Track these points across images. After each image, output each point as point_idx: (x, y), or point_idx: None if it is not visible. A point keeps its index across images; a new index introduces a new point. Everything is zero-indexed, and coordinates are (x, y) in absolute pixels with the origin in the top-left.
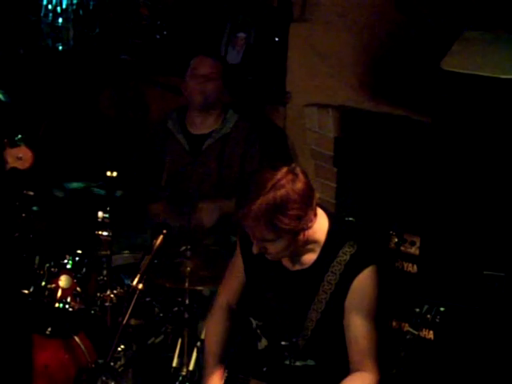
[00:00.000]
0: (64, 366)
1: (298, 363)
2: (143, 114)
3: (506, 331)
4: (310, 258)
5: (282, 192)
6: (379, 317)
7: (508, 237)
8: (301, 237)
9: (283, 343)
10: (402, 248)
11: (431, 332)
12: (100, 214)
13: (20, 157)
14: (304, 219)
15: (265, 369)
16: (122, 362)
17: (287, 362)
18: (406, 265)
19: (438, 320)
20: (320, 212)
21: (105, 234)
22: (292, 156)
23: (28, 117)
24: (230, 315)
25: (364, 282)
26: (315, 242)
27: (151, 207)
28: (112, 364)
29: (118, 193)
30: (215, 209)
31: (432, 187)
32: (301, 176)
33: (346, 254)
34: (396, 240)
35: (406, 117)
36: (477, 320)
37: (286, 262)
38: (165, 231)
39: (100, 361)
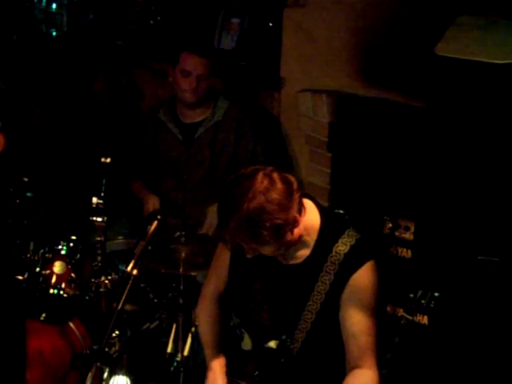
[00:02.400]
0: (58, 352)
1: (290, 365)
2: (137, 100)
3: (499, 316)
4: (303, 253)
5: (255, 205)
6: (377, 311)
7: (502, 222)
8: (289, 237)
9: (273, 344)
10: (397, 233)
11: (425, 317)
12: (94, 199)
13: None
14: (285, 225)
15: (256, 373)
16: (117, 347)
17: (279, 364)
18: (400, 250)
19: (432, 305)
20: (310, 205)
21: (99, 219)
22: (286, 142)
23: (21, 103)
24: (219, 304)
25: (361, 279)
26: (307, 236)
27: (148, 208)
28: (107, 350)
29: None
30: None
31: (426, 172)
32: (277, 182)
33: (339, 252)
34: (390, 225)
35: (401, 102)
36: (471, 305)
37: (278, 256)
38: (159, 217)
39: (95, 347)
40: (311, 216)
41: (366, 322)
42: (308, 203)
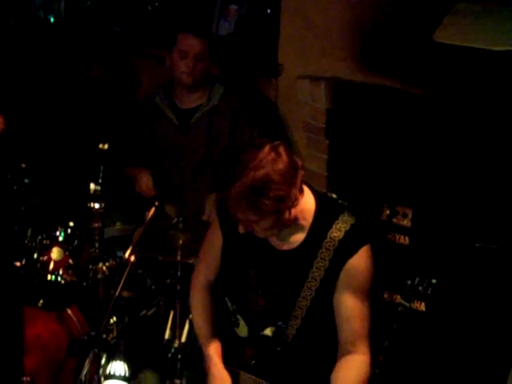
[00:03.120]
0: (56, 338)
1: (286, 353)
2: (134, 86)
3: (497, 303)
4: (298, 237)
5: (262, 173)
6: (371, 296)
7: (500, 209)
8: (286, 215)
9: (269, 331)
10: (394, 220)
11: (423, 304)
12: (92, 186)
13: None
14: (287, 199)
15: (253, 361)
16: (114, 334)
17: (275, 352)
18: (397, 237)
19: (429, 292)
20: (306, 189)
21: (97, 206)
22: (283, 128)
23: (19, 89)
24: (211, 291)
25: (356, 265)
26: (303, 220)
27: (140, 185)
28: (104, 336)
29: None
30: None
31: (424, 159)
32: (283, 155)
33: (334, 238)
34: (388, 212)
35: (399, 89)
36: (469, 292)
37: (272, 241)
38: (157, 203)
39: (92, 333)
40: (307, 200)
41: (360, 306)
42: (304, 187)
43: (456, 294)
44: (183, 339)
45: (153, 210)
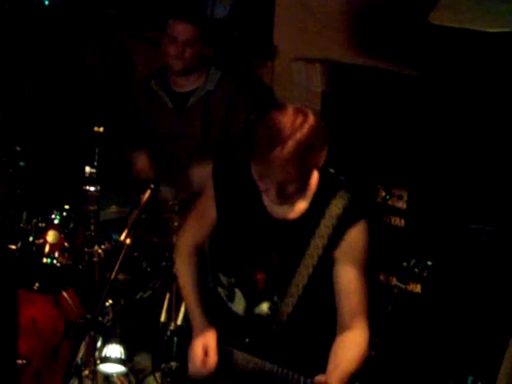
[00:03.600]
0: (52, 321)
1: (281, 331)
2: (129, 69)
3: (492, 284)
4: (300, 207)
5: (305, 129)
6: (369, 272)
7: (495, 191)
8: (313, 177)
9: (265, 307)
10: (390, 202)
11: (418, 286)
12: (87, 169)
13: None
14: (321, 156)
15: (247, 340)
16: (110, 316)
17: (270, 330)
18: (393, 219)
19: (425, 274)
20: None
21: (92, 189)
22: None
23: (14, 72)
24: (197, 256)
25: (356, 235)
26: (309, 189)
27: (136, 164)
28: (100, 319)
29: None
30: (204, 172)
31: (419, 141)
32: (309, 113)
33: (337, 206)
34: (383, 194)
35: (394, 71)
36: (464, 274)
37: (272, 210)
38: (152, 186)
39: (88, 316)
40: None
41: (359, 281)
42: None
43: (451, 275)
44: (179, 321)
45: (148, 192)
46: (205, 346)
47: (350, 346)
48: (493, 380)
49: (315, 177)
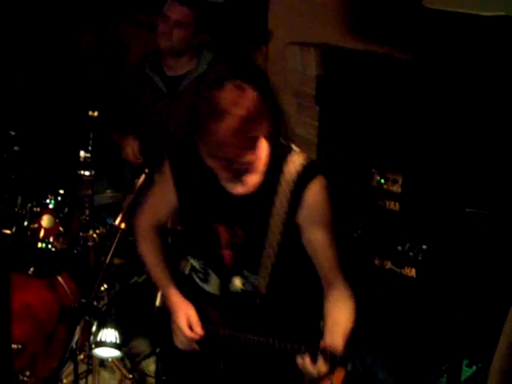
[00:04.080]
0: (47, 306)
1: (264, 304)
2: (122, 53)
3: (487, 269)
4: (255, 179)
5: (244, 104)
6: (335, 227)
7: (490, 174)
8: (262, 148)
9: (238, 282)
10: (385, 186)
11: (413, 270)
12: (82, 153)
13: None
14: (263, 128)
15: (233, 323)
16: (105, 301)
17: (254, 305)
18: (388, 203)
19: (420, 258)
20: None
21: (87, 173)
22: (273, 95)
23: (8, 56)
24: (159, 233)
25: (315, 193)
26: (260, 159)
27: (125, 148)
28: (95, 303)
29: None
30: None
31: (414, 125)
32: (249, 88)
33: (290, 171)
34: (378, 178)
35: (389, 55)
36: (459, 258)
37: (228, 186)
38: (147, 170)
39: (83, 300)
40: (263, 142)
41: (329, 237)
42: None
43: (446, 259)
44: None
45: (143, 177)
46: (188, 317)
47: (342, 304)
48: (487, 363)
49: (264, 148)
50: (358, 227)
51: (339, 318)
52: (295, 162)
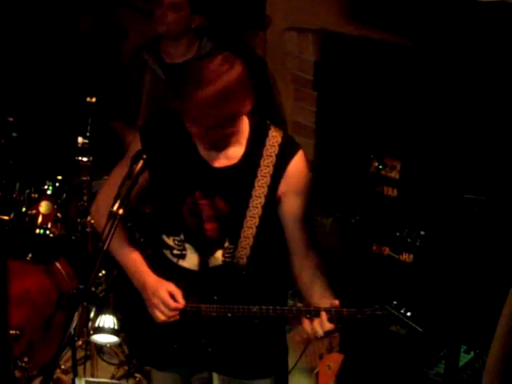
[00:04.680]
0: (45, 292)
1: (247, 275)
2: (121, 39)
3: (485, 254)
4: (236, 151)
5: (228, 77)
6: (310, 203)
7: (489, 160)
8: (238, 122)
9: (219, 254)
10: (383, 172)
11: (411, 255)
12: (80, 139)
13: None
14: (245, 103)
15: (215, 297)
16: (103, 287)
17: (237, 276)
18: (386, 189)
19: (418, 243)
20: None
21: (85, 159)
22: (272, 81)
23: (7, 42)
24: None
25: (297, 166)
26: (242, 133)
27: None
28: (93, 289)
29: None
30: None
31: (412, 111)
32: (237, 62)
33: (273, 145)
34: (376, 164)
35: (387, 41)
36: (457, 244)
37: (210, 160)
38: (145, 156)
39: (81, 286)
40: (244, 118)
41: (305, 209)
42: None
43: (444, 245)
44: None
45: (141, 163)
46: (169, 291)
47: (321, 272)
48: (485, 349)
49: (245, 122)
50: (356, 213)
51: (324, 282)
52: (276, 136)
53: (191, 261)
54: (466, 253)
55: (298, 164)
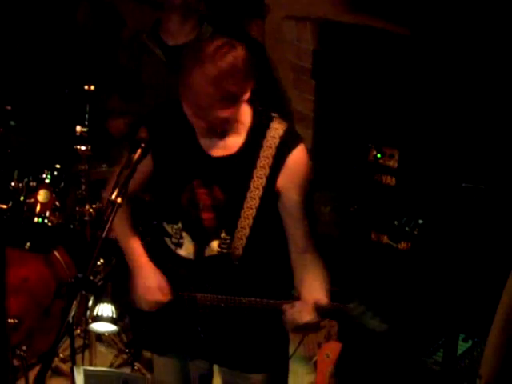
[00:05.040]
0: (43, 281)
1: (241, 266)
2: (119, 28)
3: (483, 243)
4: (236, 141)
5: (228, 58)
6: (310, 197)
7: (487, 149)
8: (240, 104)
9: (215, 244)
10: (381, 161)
11: (409, 244)
12: (78, 128)
13: None
14: (247, 88)
15: (209, 287)
16: (102, 275)
17: (231, 265)
18: (384, 177)
19: (416, 232)
20: None
21: (83, 148)
22: (270, 69)
23: (4, 30)
24: (128, 201)
25: (296, 160)
26: (242, 123)
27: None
28: (91, 278)
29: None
30: None
31: (411, 100)
32: (239, 46)
33: (274, 137)
34: (375, 153)
35: (385, 29)
36: (455, 232)
37: (209, 149)
38: (143, 145)
39: (79, 275)
40: (245, 106)
41: (303, 204)
42: None
43: (442, 234)
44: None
45: (139, 151)
46: (157, 279)
47: (317, 266)
48: (484, 338)
49: (247, 112)
50: (355, 202)
51: (317, 276)
52: (278, 128)
53: (188, 250)
54: (464, 241)
55: (297, 157)
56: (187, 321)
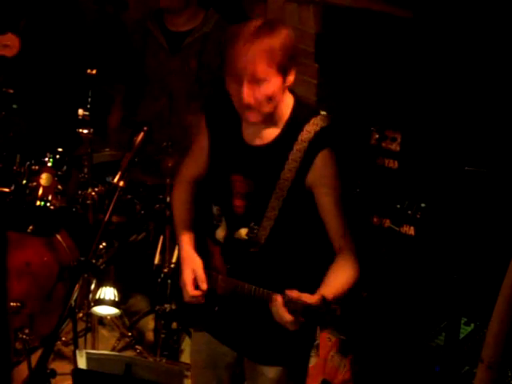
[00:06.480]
0: (46, 264)
1: (260, 254)
2: (122, 10)
3: (487, 227)
4: (272, 132)
5: (274, 35)
6: (348, 199)
7: (489, 132)
8: (288, 82)
9: (243, 232)
10: (383, 144)
11: (412, 228)
12: (80, 111)
13: (7, 44)
14: (294, 63)
15: (229, 266)
16: (104, 259)
17: (249, 254)
18: (387, 161)
19: (418, 216)
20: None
21: (85, 131)
22: None
23: (7, 12)
24: (194, 189)
25: (324, 160)
26: (281, 113)
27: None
28: (94, 261)
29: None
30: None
31: (413, 83)
32: (284, 29)
33: (310, 131)
34: (377, 136)
35: (388, 13)
36: (457, 216)
37: (248, 137)
38: (145, 128)
39: (82, 258)
40: (288, 94)
41: (335, 205)
42: None
43: (445, 217)
44: (173, 264)
45: (141, 135)
46: (194, 272)
47: (342, 268)
48: (486, 321)
49: (289, 104)
50: (357, 185)
51: (338, 278)
52: (317, 124)
53: (220, 233)
54: (466, 225)
55: (323, 159)
56: (209, 299)
